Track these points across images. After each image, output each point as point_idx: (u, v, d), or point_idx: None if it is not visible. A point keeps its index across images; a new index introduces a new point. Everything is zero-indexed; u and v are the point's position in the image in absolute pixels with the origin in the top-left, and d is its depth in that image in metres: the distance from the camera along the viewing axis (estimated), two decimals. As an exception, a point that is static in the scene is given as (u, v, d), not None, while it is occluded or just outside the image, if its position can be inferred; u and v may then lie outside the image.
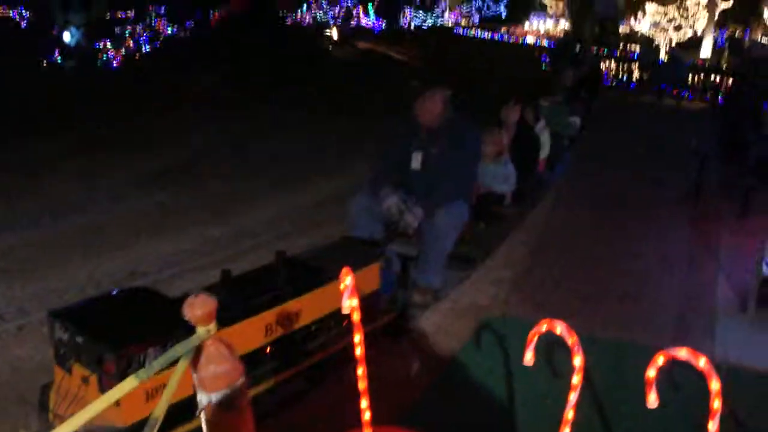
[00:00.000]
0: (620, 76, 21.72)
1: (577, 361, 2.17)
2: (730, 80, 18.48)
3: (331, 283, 3.67)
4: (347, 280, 2.63)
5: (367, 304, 3.95)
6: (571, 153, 9.13)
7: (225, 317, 3.22)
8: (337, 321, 3.75)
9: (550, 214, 7.00)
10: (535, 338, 2.30)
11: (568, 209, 7.24)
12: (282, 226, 6.77)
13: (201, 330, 1.85)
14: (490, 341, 4.29)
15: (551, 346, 3.32)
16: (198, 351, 1.87)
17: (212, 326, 1.86)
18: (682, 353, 2.03)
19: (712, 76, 19.71)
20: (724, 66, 20.07)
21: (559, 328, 2.18)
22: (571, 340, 2.15)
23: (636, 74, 21.28)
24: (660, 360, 2.09)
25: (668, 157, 10.14)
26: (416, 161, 4.86)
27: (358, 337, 2.53)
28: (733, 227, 6.93)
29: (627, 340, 4.35)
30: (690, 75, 19.26)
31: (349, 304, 2.52)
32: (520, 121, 6.84)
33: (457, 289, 5.00)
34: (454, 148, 4.75)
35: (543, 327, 2.25)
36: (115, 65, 23.05)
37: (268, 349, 3.37)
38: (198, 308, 1.83)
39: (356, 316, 2.52)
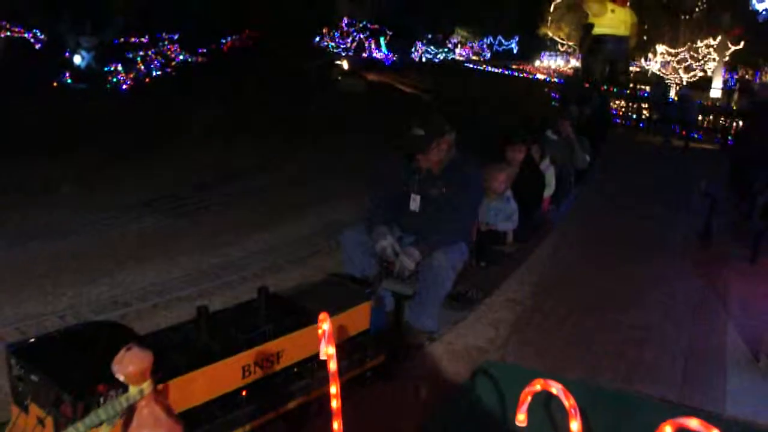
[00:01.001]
0: (630, 114, 21.62)
1: (575, 426, 1.93)
2: (740, 122, 18.34)
3: (315, 324, 3.45)
4: (324, 325, 2.41)
5: (354, 345, 3.75)
6: (576, 191, 8.92)
7: (199, 356, 3.04)
8: (322, 363, 3.50)
9: (553, 254, 6.78)
10: (528, 398, 2.06)
11: (572, 250, 7.02)
12: (273, 257, 6.54)
13: (133, 390, 1.59)
14: (485, 389, 4.04)
15: (548, 402, 3.07)
16: (130, 412, 1.61)
17: (146, 385, 1.60)
18: (693, 423, 1.79)
19: (722, 118, 19.60)
20: (734, 107, 19.91)
21: (555, 389, 1.94)
22: (569, 403, 1.91)
23: (645, 113, 21.19)
24: (668, 430, 1.85)
25: (676, 198, 9.93)
26: (414, 203, 4.62)
27: (334, 389, 2.29)
28: (742, 272, 6.69)
29: (632, 391, 4.10)
30: (700, 116, 19.15)
31: (326, 351, 2.31)
32: (526, 158, 6.64)
33: (453, 331, 4.77)
34: (454, 188, 4.51)
35: (537, 386, 2.01)
36: (124, 88, 23.14)
37: (244, 392, 3.12)
38: (129, 364, 1.58)
39: (333, 365, 2.30)
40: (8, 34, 26.87)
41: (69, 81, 22.37)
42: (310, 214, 8.07)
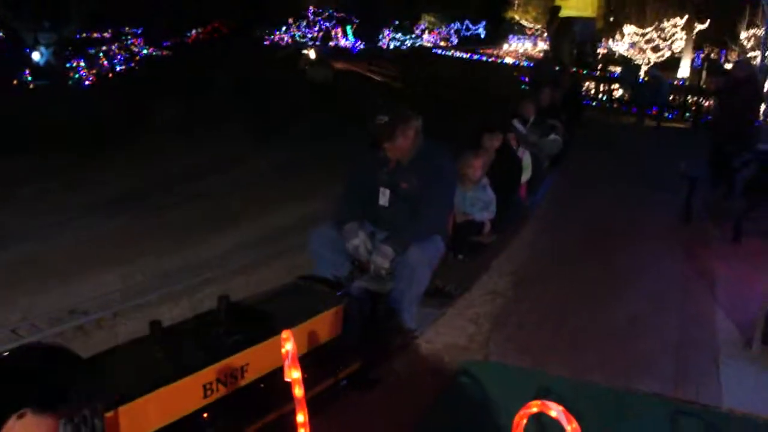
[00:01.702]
0: (600, 96, 21.53)
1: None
2: (710, 101, 18.31)
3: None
4: (288, 344, 2.13)
5: (327, 353, 3.48)
6: (552, 176, 8.72)
7: (153, 377, 2.75)
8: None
9: (533, 242, 6.55)
10: (524, 421, 1.80)
11: (552, 237, 6.79)
12: (241, 257, 6.22)
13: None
14: (469, 390, 3.81)
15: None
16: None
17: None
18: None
19: (691, 97, 19.58)
20: (703, 86, 19.88)
21: (555, 411, 1.67)
22: (571, 427, 1.65)
23: (616, 94, 21.11)
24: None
25: (652, 179, 9.76)
26: (383, 198, 4.32)
27: (301, 417, 2.01)
28: (726, 254, 6.52)
29: (623, 388, 3.88)
30: (671, 95, 19.11)
31: (290, 375, 2.03)
32: (502, 144, 6.39)
33: (432, 328, 4.51)
34: (425, 180, 4.21)
35: (534, 408, 1.75)
36: (86, 84, 22.56)
37: (206, 414, 2.83)
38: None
39: (299, 392, 2.02)
40: (-35, 31, 26.17)
41: (29, 78, 21.75)
42: (279, 210, 7.74)
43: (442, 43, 56.63)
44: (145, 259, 6.10)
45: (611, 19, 32.37)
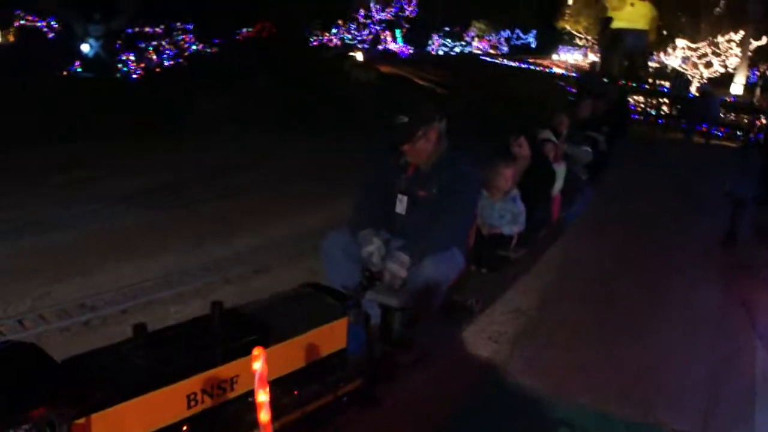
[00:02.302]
0: (648, 110, 21.02)
1: None
2: (763, 120, 17.74)
3: (279, 344, 2.98)
4: (257, 363, 1.93)
5: (327, 368, 3.27)
6: (590, 191, 8.38)
7: (133, 384, 2.57)
8: (285, 390, 3.04)
9: (563, 259, 6.26)
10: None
11: (584, 255, 6.49)
12: (263, 256, 6.07)
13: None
14: (481, 415, 3.57)
15: None
16: None
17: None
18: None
19: (744, 115, 18.99)
20: (757, 104, 19.28)
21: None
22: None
23: (664, 109, 20.58)
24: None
25: (697, 199, 9.39)
26: (401, 205, 4.08)
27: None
28: (770, 282, 6.15)
29: (646, 423, 3.60)
30: (721, 112, 18.55)
31: (257, 398, 1.83)
32: (537, 154, 6.12)
33: (447, 346, 4.27)
34: (446, 188, 3.97)
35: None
36: (134, 78, 22.81)
37: (186, 426, 2.64)
38: None
39: (264, 416, 1.82)
40: (22, 23, 26.68)
41: (78, 70, 22.07)
42: (308, 209, 7.58)
43: (492, 51, 56.34)
44: (167, 254, 5.99)
45: (664, 32, 31.66)
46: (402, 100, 4.08)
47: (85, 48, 22.94)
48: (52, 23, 25.83)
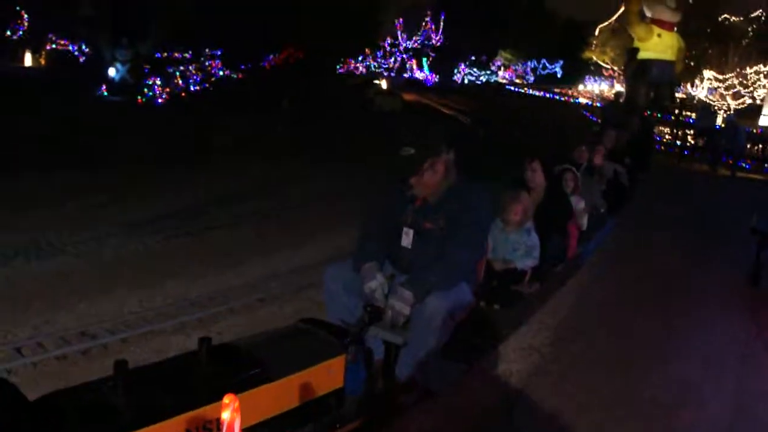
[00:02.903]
0: (674, 141, 20.76)
1: None
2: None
3: (270, 383, 2.83)
4: (226, 413, 1.80)
5: (322, 408, 3.13)
6: (610, 224, 8.17)
7: (111, 425, 2.44)
8: (278, 431, 2.89)
9: (580, 295, 6.04)
10: None
11: (601, 290, 6.27)
12: (271, 286, 5.96)
13: None
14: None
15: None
16: None
17: None
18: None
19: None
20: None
21: None
22: None
23: (690, 141, 20.29)
24: None
25: (721, 233, 9.13)
26: (406, 239, 3.92)
27: None
28: (797, 322, 5.90)
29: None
30: (748, 144, 18.23)
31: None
32: (553, 184, 5.95)
33: (453, 385, 4.08)
34: (454, 221, 3.81)
35: None
36: (159, 102, 23.01)
37: (169, 471, 2.50)
38: None
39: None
40: (54, 46, 27.15)
41: (105, 94, 22.32)
42: (318, 240, 7.47)
43: (518, 81, 56.34)
44: (171, 283, 5.91)
45: (691, 63, 31.43)
46: (413, 130, 3.90)
47: (111, 72, 23.24)
48: (83, 47, 26.26)
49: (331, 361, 3.11)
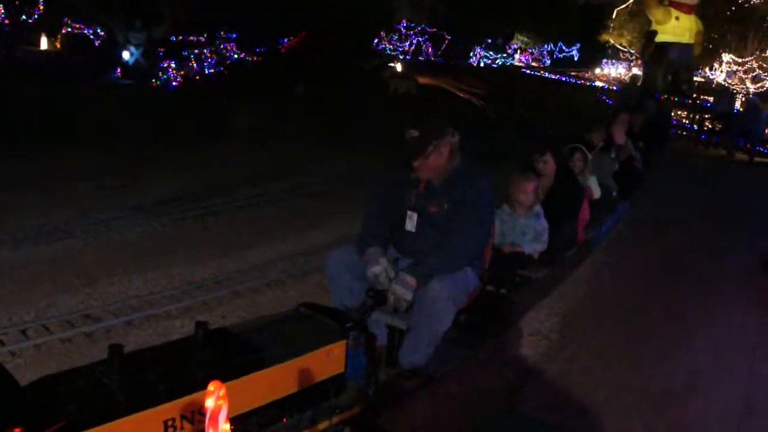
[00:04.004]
0: (691, 126, 20.48)
1: None
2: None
3: (268, 368, 2.79)
4: (210, 400, 1.75)
5: (322, 393, 3.08)
6: (622, 208, 8.05)
7: (104, 408, 2.41)
8: (275, 417, 2.85)
9: (590, 280, 5.98)
10: None
11: (612, 276, 6.20)
12: (276, 270, 5.90)
13: None
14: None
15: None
16: None
17: None
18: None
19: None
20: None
21: None
22: None
23: (707, 125, 20.00)
24: None
25: (737, 219, 8.99)
26: (410, 222, 3.86)
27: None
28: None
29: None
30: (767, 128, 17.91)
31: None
32: (562, 167, 5.84)
33: (458, 371, 4.03)
34: (458, 205, 3.76)
35: None
36: (173, 85, 22.97)
37: (162, 456, 2.47)
38: None
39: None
40: (69, 30, 27.14)
41: (119, 77, 22.32)
42: (325, 225, 7.39)
43: (534, 64, 55.90)
44: (177, 266, 5.86)
45: (710, 46, 31.00)
46: (422, 113, 3.83)
47: (125, 55, 23.24)
48: (98, 30, 26.24)
49: (332, 346, 3.06)
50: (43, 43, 25.88)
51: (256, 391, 2.77)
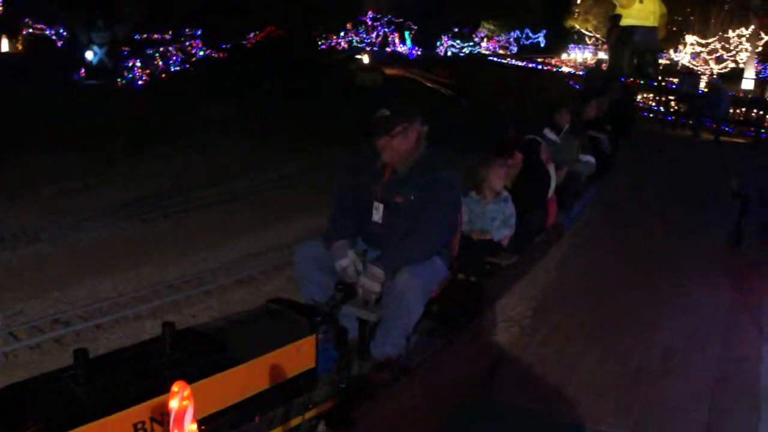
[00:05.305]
0: (657, 108, 20.68)
1: None
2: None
3: (237, 366, 2.76)
4: (174, 401, 1.73)
5: (294, 389, 3.07)
6: (592, 192, 8.11)
7: (71, 414, 2.36)
8: (247, 415, 2.83)
9: (560, 265, 6.00)
10: None
11: (583, 260, 6.24)
12: (247, 267, 5.87)
13: None
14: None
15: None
16: None
17: None
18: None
19: (755, 110, 18.57)
20: (768, 99, 18.95)
21: None
22: None
23: (673, 106, 20.21)
24: None
25: (703, 198, 9.10)
26: (377, 213, 3.83)
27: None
28: (779, 285, 5.87)
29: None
30: (731, 108, 18.14)
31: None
32: (529, 155, 5.86)
33: (431, 361, 4.03)
34: (425, 194, 3.73)
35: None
36: (139, 84, 22.71)
37: (131, 460, 2.43)
38: None
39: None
40: (31, 31, 26.66)
41: (83, 77, 22.00)
42: (294, 219, 7.38)
43: (501, 51, 56.04)
44: (146, 267, 5.82)
45: (674, 28, 31.32)
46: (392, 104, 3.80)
47: (89, 55, 22.91)
48: (60, 31, 25.83)
49: (301, 341, 3.04)
50: (4, 45, 25.45)
51: (226, 390, 2.74)
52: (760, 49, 27.36)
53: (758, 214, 7.22)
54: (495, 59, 44.61)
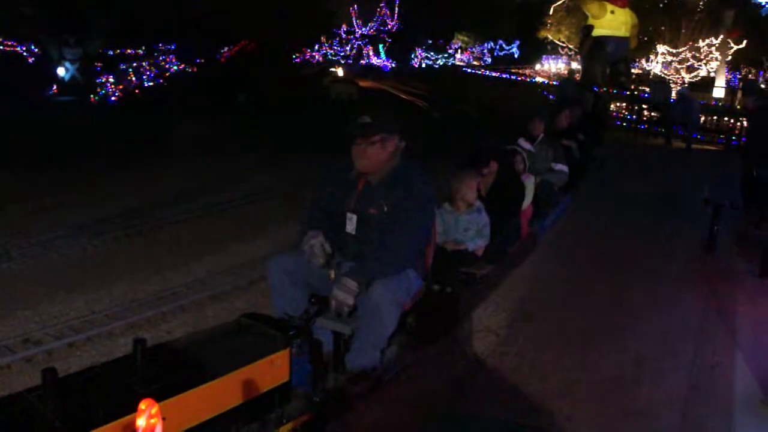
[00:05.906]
0: (630, 117, 20.93)
1: None
2: (744, 122, 17.63)
3: (209, 382, 2.73)
4: (141, 419, 1.70)
5: (268, 403, 3.04)
6: (565, 201, 8.18)
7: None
8: (221, 431, 2.79)
9: (535, 274, 6.03)
10: None
11: (557, 269, 6.27)
12: (221, 282, 5.82)
13: None
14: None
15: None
16: None
17: None
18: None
19: (725, 118, 18.87)
20: (738, 107, 19.20)
21: None
22: None
23: (645, 114, 20.47)
24: None
25: (676, 205, 9.20)
26: (350, 225, 3.82)
27: None
28: (751, 291, 5.94)
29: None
30: (702, 116, 18.41)
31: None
32: (504, 167, 5.90)
33: (405, 372, 4.02)
34: (398, 206, 3.72)
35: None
36: (113, 100, 22.55)
37: (103, 481, 2.39)
38: None
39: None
40: (1, 47, 26.40)
41: (55, 94, 21.82)
42: (269, 233, 7.34)
43: (475, 63, 56.45)
44: (119, 284, 5.74)
45: (645, 38, 31.70)
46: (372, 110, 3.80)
47: (61, 72, 22.72)
48: (32, 48, 25.58)
49: (275, 355, 3.02)
50: (-26, 63, 25.15)
51: (200, 405, 2.70)
52: (729, 57, 27.80)
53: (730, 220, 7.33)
54: (469, 70, 44.92)
